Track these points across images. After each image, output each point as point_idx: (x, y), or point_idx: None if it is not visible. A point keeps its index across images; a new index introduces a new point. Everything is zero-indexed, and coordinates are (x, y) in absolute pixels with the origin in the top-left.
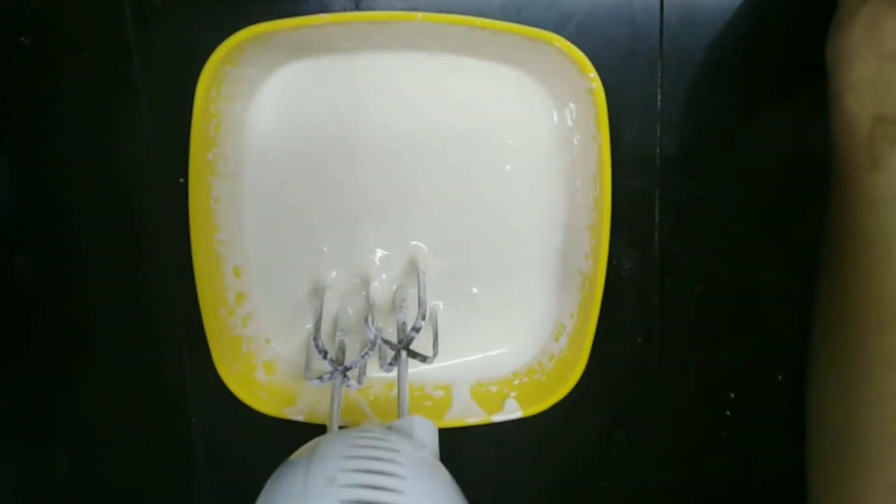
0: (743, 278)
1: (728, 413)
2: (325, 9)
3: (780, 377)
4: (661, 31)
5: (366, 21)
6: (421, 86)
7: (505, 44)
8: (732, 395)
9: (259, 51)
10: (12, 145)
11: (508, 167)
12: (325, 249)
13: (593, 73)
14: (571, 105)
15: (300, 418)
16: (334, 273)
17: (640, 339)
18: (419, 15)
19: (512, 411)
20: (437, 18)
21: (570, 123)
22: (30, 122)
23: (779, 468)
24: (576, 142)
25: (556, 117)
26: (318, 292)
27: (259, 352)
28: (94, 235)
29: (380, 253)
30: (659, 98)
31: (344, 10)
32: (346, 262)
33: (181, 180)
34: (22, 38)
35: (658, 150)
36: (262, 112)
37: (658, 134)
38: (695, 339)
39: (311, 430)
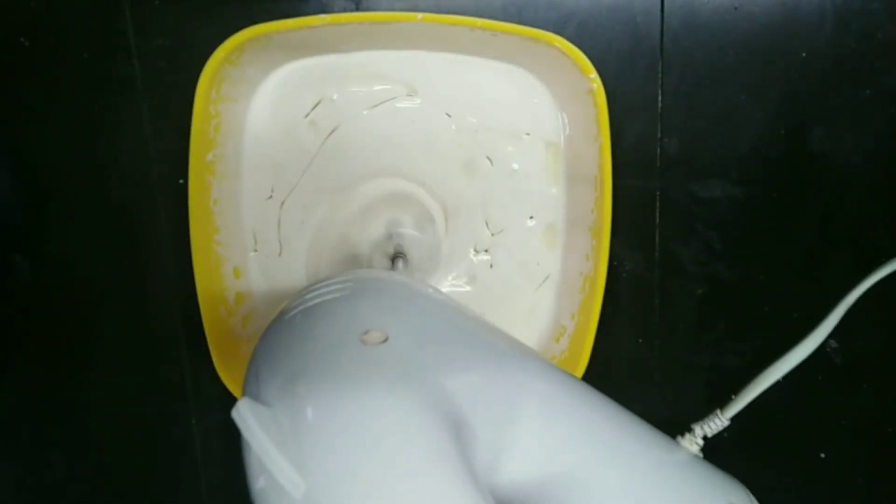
0: (743, 278)
1: None
2: (324, 9)
3: (780, 378)
4: (662, 33)
5: (366, 22)
6: (422, 85)
7: (506, 44)
8: (733, 396)
9: (259, 51)
10: (12, 146)
11: (513, 167)
12: (324, 251)
13: (594, 74)
14: (572, 105)
15: None
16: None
17: (640, 339)
18: (419, 16)
19: None
20: (438, 19)
21: (571, 124)
22: (30, 122)
23: (779, 469)
24: (577, 142)
25: (557, 117)
26: None
27: None
28: (94, 236)
29: (380, 257)
30: (660, 99)
31: (344, 10)
32: (346, 263)
33: (181, 181)
34: (21, 39)
35: (659, 150)
36: (260, 112)
37: (659, 135)
38: (695, 339)
39: None
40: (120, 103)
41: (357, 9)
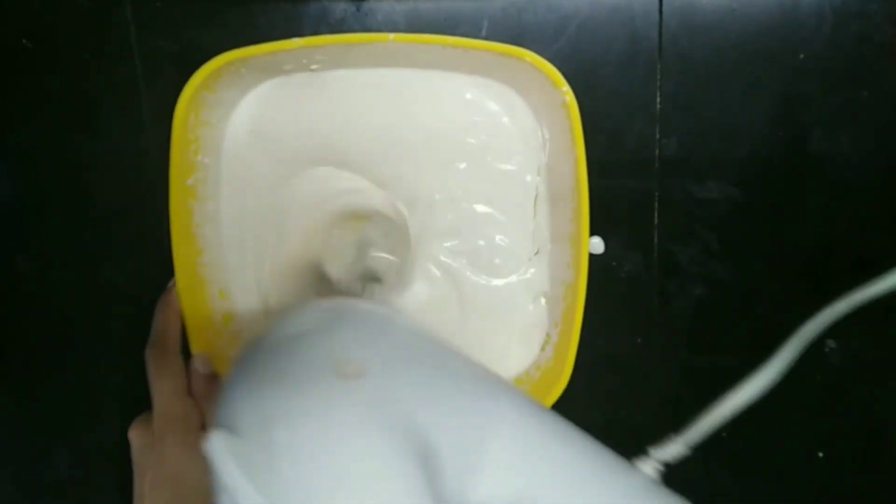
0: (743, 278)
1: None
2: (325, 12)
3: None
4: (661, 34)
5: (339, 44)
6: (401, 102)
7: (481, 60)
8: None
9: (234, 75)
10: (14, 146)
11: (491, 180)
12: (293, 274)
13: (566, 87)
14: (549, 118)
15: None
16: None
17: (639, 340)
18: (391, 36)
19: None
20: (409, 39)
21: (547, 136)
22: (31, 123)
23: (777, 468)
24: (555, 154)
25: (536, 130)
26: None
27: None
28: (96, 236)
29: (350, 279)
30: (658, 100)
31: (345, 13)
32: (316, 285)
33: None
34: (24, 41)
35: (657, 151)
36: (237, 132)
37: (657, 136)
38: (694, 340)
39: None
40: (122, 104)
41: (358, 11)
